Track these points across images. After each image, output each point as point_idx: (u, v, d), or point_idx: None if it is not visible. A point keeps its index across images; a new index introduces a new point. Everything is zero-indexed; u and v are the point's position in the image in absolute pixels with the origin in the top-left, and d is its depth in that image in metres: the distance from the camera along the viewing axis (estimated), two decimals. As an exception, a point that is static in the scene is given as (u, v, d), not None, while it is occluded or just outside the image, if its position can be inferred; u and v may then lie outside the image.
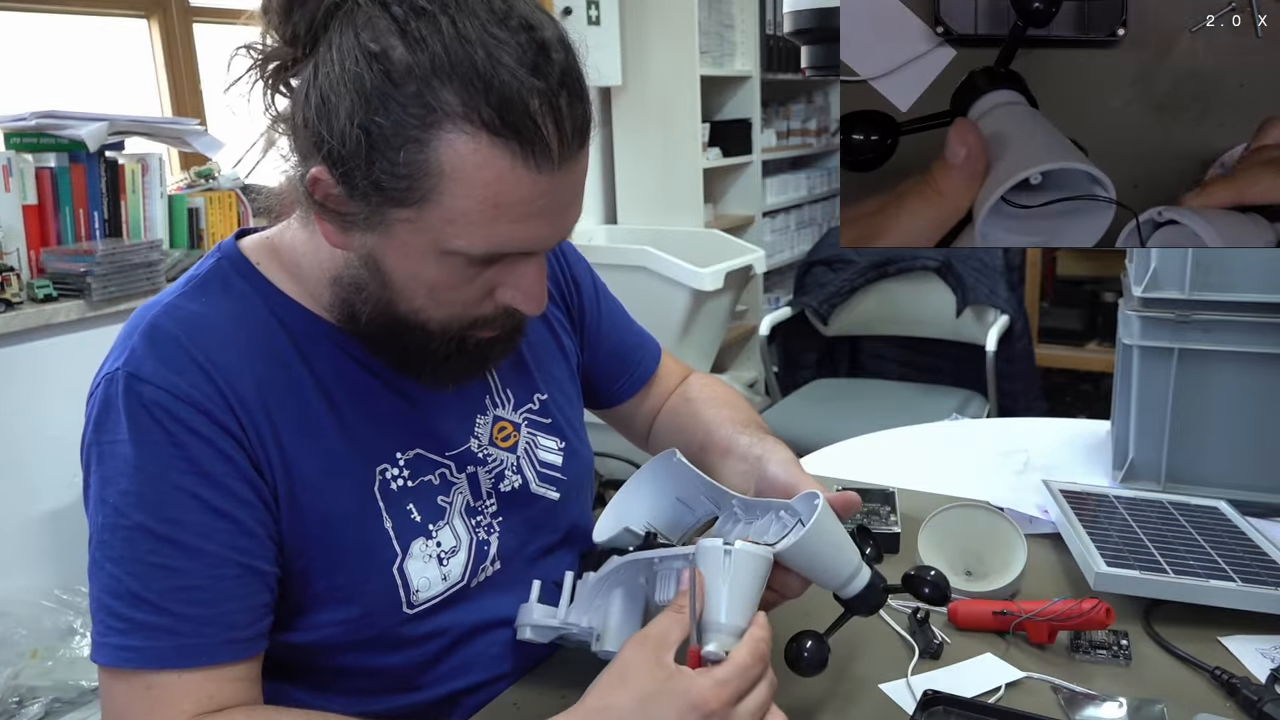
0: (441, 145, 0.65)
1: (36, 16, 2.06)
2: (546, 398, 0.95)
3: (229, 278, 0.80)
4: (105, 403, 0.73)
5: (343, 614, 0.79)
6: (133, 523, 0.70)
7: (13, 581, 1.80)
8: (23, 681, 1.65)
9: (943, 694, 0.79)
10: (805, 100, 4.08)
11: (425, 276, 0.72)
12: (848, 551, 0.76)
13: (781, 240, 3.84)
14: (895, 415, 2.43)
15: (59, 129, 1.81)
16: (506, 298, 0.75)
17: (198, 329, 0.75)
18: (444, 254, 0.70)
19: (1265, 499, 1.17)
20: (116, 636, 0.70)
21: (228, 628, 0.72)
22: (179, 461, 0.71)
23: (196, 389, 0.72)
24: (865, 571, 0.77)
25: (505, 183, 0.66)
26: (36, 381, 1.81)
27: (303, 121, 0.68)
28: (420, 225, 0.69)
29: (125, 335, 0.76)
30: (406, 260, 0.71)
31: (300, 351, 0.79)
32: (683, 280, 2.78)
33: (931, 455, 1.45)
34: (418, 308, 0.74)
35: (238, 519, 0.73)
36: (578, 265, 1.04)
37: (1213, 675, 0.84)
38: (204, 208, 2.07)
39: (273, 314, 0.79)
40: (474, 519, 0.86)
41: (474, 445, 0.87)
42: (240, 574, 0.73)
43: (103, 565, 0.71)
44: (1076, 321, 3.66)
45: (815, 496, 0.77)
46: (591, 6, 3.00)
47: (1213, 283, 1.15)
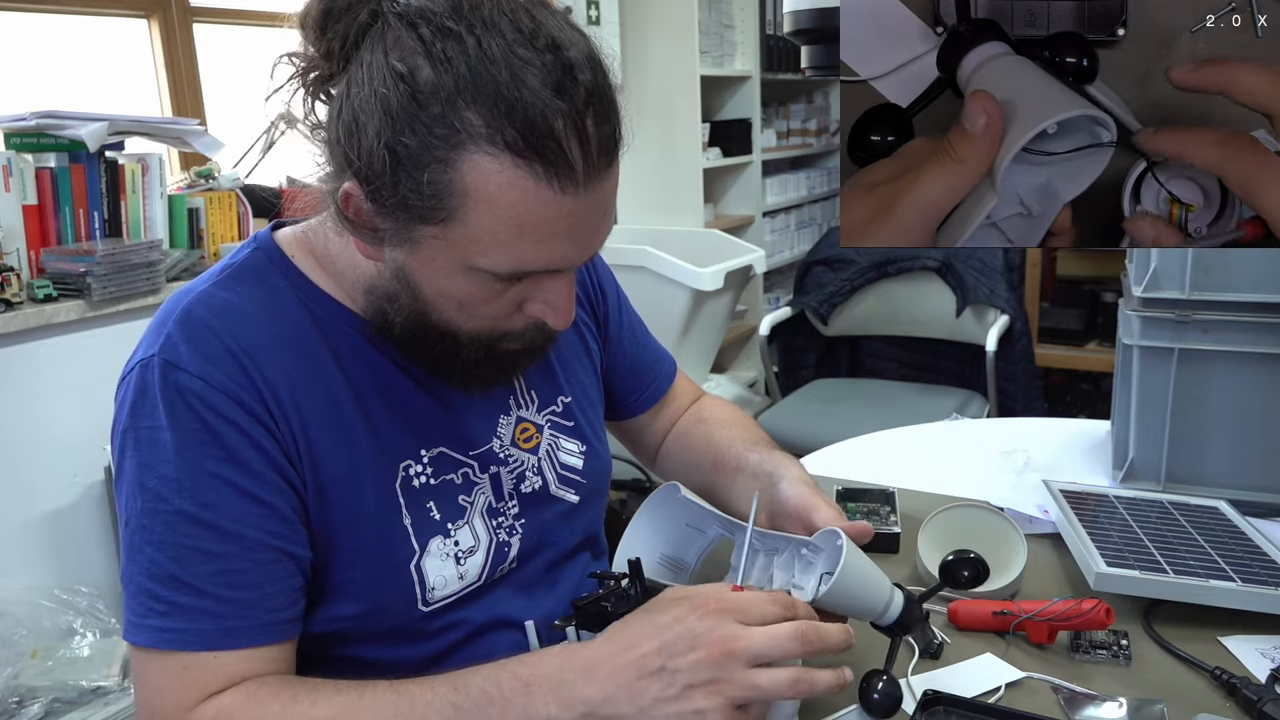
0: (466, 166, 0.66)
1: (36, 16, 2.06)
2: (570, 400, 0.96)
3: (263, 269, 0.81)
4: (141, 389, 0.74)
5: (358, 607, 0.80)
6: (172, 508, 0.72)
7: (13, 581, 1.80)
8: (23, 681, 1.65)
9: (943, 694, 0.79)
10: (805, 100, 4.08)
11: (454, 291, 0.73)
12: (877, 583, 0.77)
13: (781, 240, 3.84)
14: (895, 415, 2.43)
15: (59, 129, 1.82)
16: (535, 311, 0.76)
17: (231, 318, 0.76)
18: (471, 270, 0.71)
19: (1265, 499, 1.17)
20: (156, 619, 0.71)
21: (268, 610, 0.74)
22: (215, 449, 0.73)
23: (230, 378, 0.74)
24: (898, 596, 0.78)
25: (529, 204, 0.67)
26: (36, 381, 1.82)
27: (335, 138, 0.69)
28: (447, 243, 0.69)
29: (159, 322, 0.77)
30: (435, 276, 0.73)
31: (330, 345, 0.80)
32: (683, 280, 2.78)
33: (931, 455, 1.45)
34: (448, 320, 0.76)
35: (273, 505, 0.74)
36: (605, 275, 1.06)
37: (1213, 675, 0.84)
38: (204, 208, 2.07)
39: (305, 307, 0.80)
40: (495, 520, 0.86)
41: (496, 445, 0.88)
42: (277, 558, 0.74)
43: (142, 549, 0.73)
44: (1076, 321, 3.66)
45: (837, 535, 0.77)
46: (591, 6, 3.00)
47: (1213, 283, 1.15)
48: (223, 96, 2.32)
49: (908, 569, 1.05)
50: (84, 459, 1.89)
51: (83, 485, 1.91)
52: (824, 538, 0.79)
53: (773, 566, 0.82)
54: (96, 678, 1.69)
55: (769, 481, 0.90)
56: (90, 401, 1.87)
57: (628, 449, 1.15)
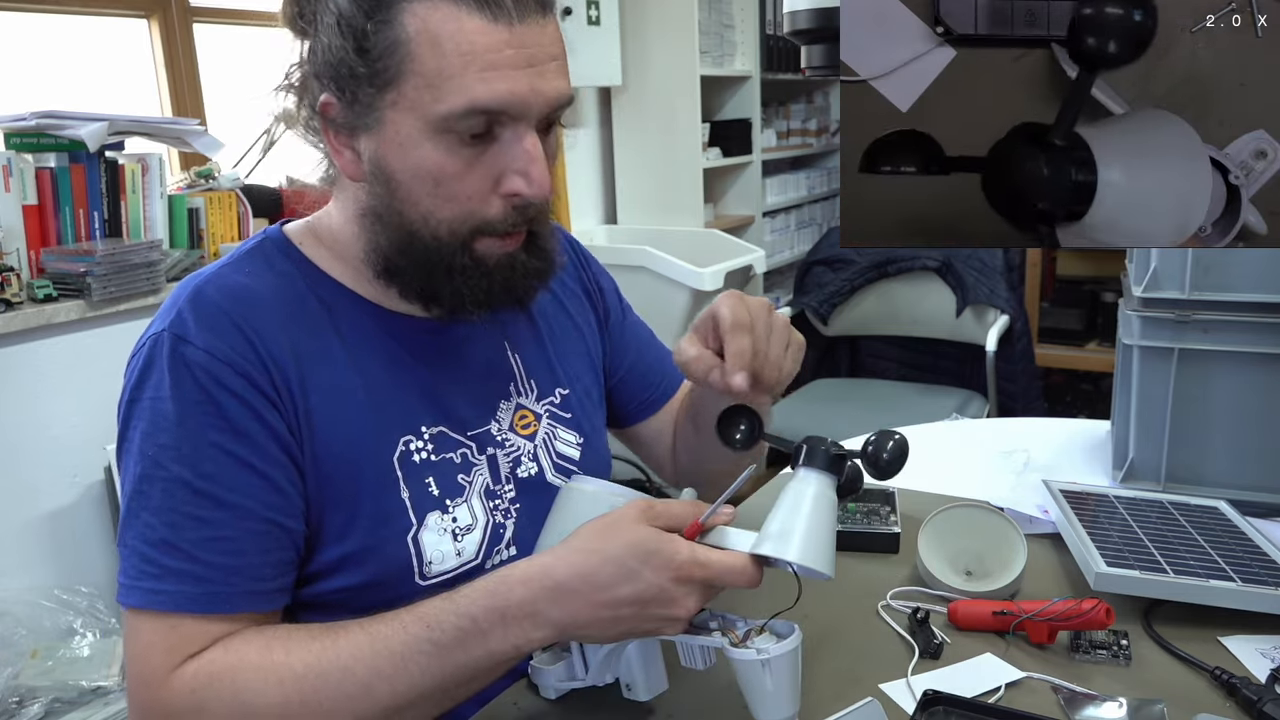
0: (405, 16, 0.73)
1: (36, 16, 2.06)
2: (568, 393, 0.98)
3: (271, 254, 0.86)
4: (149, 361, 0.78)
5: (357, 577, 0.81)
6: (170, 475, 0.75)
7: (13, 581, 1.80)
8: (23, 681, 1.65)
9: (943, 694, 0.79)
10: (805, 100, 4.08)
11: (425, 164, 0.76)
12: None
13: (781, 240, 3.84)
14: (895, 415, 2.43)
15: (59, 129, 1.82)
16: (509, 186, 0.77)
17: (240, 297, 0.80)
18: (435, 132, 0.75)
19: (1265, 499, 1.17)
20: (149, 581, 0.74)
21: (254, 579, 0.76)
22: (216, 420, 0.76)
23: (236, 352, 0.77)
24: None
25: (467, 33, 0.73)
26: (36, 381, 1.82)
27: (311, 70, 0.78)
28: (405, 103, 0.75)
29: (171, 301, 0.81)
30: (405, 152, 0.76)
31: (335, 324, 0.84)
32: (683, 280, 2.78)
33: (931, 455, 1.45)
34: (426, 212, 0.78)
35: (269, 476, 0.77)
36: (601, 274, 1.08)
37: (1213, 675, 0.84)
38: (204, 208, 2.07)
39: (311, 289, 0.84)
40: (492, 501, 0.88)
41: (494, 429, 0.90)
42: (269, 529, 0.77)
43: (139, 514, 0.75)
44: (1076, 321, 3.66)
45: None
46: (591, 6, 3.00)
47: (1213, 283, 1.15)
48: (223, 96, 2.32)
49: (907, 569, 1.05)
50: (84, 459, 1.89)
51: (83, 485, 1.91)
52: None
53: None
54: (96, 678, 1.69)
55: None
56: (90, 401, 1.87)
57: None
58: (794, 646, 0.72)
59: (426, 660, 0.71)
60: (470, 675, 0.72)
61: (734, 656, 0.72)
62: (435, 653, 0.71)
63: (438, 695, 0.73)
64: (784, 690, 0.72)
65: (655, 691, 0.80)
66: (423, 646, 0.71)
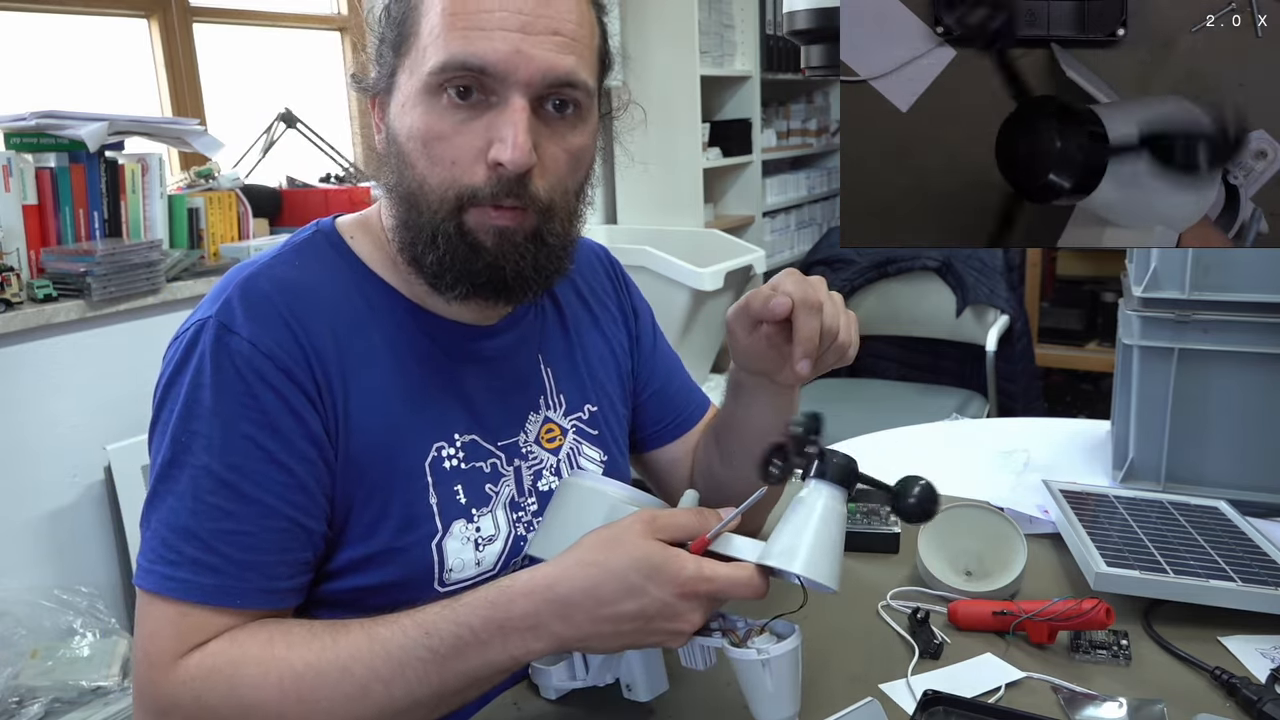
0: None
1: (36, 16, 2.06)
2: (597, 410, 0.98)
3: (322, 249, 0.86)
4: (191, 345, 0.78)
5: (378, 578, 0.82)
6: (199, 463, 0.75)
7: (13, 581, 1.80)
8: (23, 681, 1.65)
9: (943, 694, 0.79)
10: (805, 100, 4.08)
11: (417, 125, 0.77)
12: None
13: (781, 240, 3.84)
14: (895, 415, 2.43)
15: (59, 129, 1.81)
16: (492, 153, 0.76)
17: (289, 291, 0.80)
18: (427, 93, 0.76)
19: (1265, 499, 1.17)
20: (165, 566, 0.74)
21: (268, 577, 0.76)
22: (252, 412, 0.76)
23: (280, 345, 0.77)
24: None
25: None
26: (37, 381, 1.81)
27: (374, 53, 0.83)
28: (407, 65, 0.78)
29: (220, 289, 0.81)
30: (404, 114, 0.78)
31: (379, 323, 0.84)
32: (683, 280, 2.77)
33: (931, 455, 1.45)
34: (421, 176, 0.78)
35: (297, 474, 0.77)
36: (639, 300, 1.09)
37: (1213, 675, 0.84)
38: (204, 208, 2.07)
39: (358, 287, 0.84)
40: (516, 514, 0.88)
41: (520, 440, 0.90)
42: (289, 527, 0.77)
43: (165, 498, 0.76)
44: (1076, 321, 3.66)
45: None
46: (591, 6, 3.00)
47: (1213, 283, 1.15)
48: (223, 96, 2.32)
49: (908, 569, 1.05)
50: (84, 459, 1.89)
51: (83, 485, 1.91)
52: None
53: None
54: (96, 678, 1.69)
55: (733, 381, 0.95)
56: (90, 401, 1.87)
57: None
58: (794, 647, 0.72)
59: (423, 666, 0.71)
60: (468, 683, 0.72)
61: (734, 656, 0.72)
62: (432, 660, 0.71)
63: (434, 701, 0.72)
64: (784, 690, 0.72)
65: (655, 692, 0.80)
66: (420, 653, 0.71)
